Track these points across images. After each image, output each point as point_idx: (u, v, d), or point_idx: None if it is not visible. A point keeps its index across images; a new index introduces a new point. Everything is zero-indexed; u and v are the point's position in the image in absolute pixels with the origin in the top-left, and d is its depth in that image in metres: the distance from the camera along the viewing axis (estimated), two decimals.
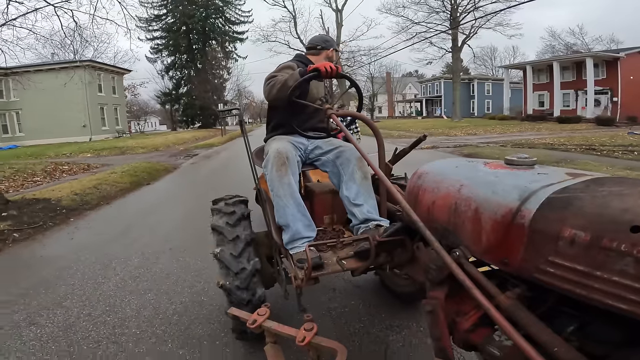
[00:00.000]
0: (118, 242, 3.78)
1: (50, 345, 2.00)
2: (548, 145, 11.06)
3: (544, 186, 0.78)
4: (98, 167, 10.00)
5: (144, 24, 34.44)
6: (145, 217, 4.82)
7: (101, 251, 3.50)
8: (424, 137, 1.72)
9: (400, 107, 53.52)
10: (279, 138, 1.88)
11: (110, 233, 4.15)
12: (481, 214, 0.84)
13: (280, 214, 1.63)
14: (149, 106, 49.61)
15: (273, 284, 1.90)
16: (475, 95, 39.33)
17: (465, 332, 0.90)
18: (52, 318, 2.29)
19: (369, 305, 2.26)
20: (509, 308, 0.76)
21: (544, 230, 0.71)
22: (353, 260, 1.41)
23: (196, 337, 2.02)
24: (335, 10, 31.82)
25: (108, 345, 1.96)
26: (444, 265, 0.89)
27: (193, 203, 5.48)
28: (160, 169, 9.25)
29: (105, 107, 27.35)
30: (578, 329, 0.75)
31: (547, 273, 0.71)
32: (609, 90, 23.75)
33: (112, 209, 5.48)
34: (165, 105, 39.95)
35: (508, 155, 0.97)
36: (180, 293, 2.53)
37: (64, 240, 4.01)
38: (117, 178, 7.32)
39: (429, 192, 1.03)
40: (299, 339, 1.08)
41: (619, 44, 33.90)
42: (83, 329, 2.14)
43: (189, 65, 37.38)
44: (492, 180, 0.88)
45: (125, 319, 2.22)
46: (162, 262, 3.11)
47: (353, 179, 1.72)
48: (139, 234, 4.04)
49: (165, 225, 4.34)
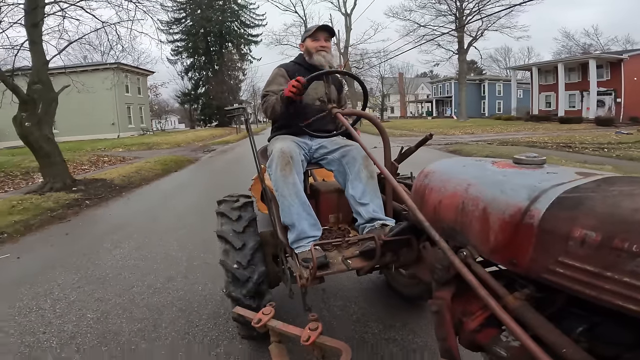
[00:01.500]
0: (158, 207, 5.32)
1: (133, 254, 3.38)
2: (530, 143, 11.61)
3: (554, 185, 0.76)
4: (132, 159, 11.54)
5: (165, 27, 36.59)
6: (175, 192, 6.42)
7: (148, 213, 5.00)
8: (430, 136, 1.69)
9: (412, 107, 54.18)
10: (282, 138, 1.84)
11: (152, 202, 5.78)
12: (489, 214, 0.83)
13: (286, 214, 1.59)
14: (168, 105, 52.14)
15: (278, 283, 1.86)
16: (486, 96, 38.95)
17: (472, 332, 0.89)
18: (128, 244, 3.65)
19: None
20: (517, 309, 0.75)
21: (553, 230, 0.70)
22: (358, 260, 1.39)
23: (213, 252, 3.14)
24: (345, 14, 32.52)
25: (166, 253, 3.35)
26: (450, 265, 0.88)
27: (211, 183, 7.16)
28: (184, 160, 10.76)
29: (132, 107, 28.47)
30: (587, 330, 0.73)
31: (557, 273, 0.70)
32: (613, 91, 23.65)
33: (150, 187, 7.09)
34: (184, 104, 41.75)
35: (516, 154, 0.95)
36: (202, 229, 3.88)
37: (122, 206, 5.55)
38: (151, 166, 8.91)
39: (436, 191, 1.01)
40: (303, 339, 1.07)
41: (634, 44, 33.78)
42: (149, 248, 3.49)
43: (206, 66, 38.94)
44: (500, 180, 0.86)
45: (171, 242, 3.61)
46: (189, 218, 4.52)
47: (359, 178, 1.68)
48: (172, 202, 5.57)
49: (191, 197, 5.85)
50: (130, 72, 27.27)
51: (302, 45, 1.99)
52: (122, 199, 6.02)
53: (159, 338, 1.98)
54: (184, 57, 38.39)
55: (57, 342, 1.98)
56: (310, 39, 1.93)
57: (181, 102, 41.43)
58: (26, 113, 6.02)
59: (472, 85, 38.56)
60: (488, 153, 9.19)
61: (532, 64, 31.48)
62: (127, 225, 4.41)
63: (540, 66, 28.76)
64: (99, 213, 5.19)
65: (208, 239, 3.36)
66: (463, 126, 22.34)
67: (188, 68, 38.74)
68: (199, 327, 2.07)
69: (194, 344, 1.91)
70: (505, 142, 12.51)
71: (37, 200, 5.35)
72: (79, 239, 4.00)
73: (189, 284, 2.64)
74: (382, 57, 30.92)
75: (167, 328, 2.07)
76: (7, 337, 2.05)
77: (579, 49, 36.54)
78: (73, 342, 1.97)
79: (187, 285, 2.61)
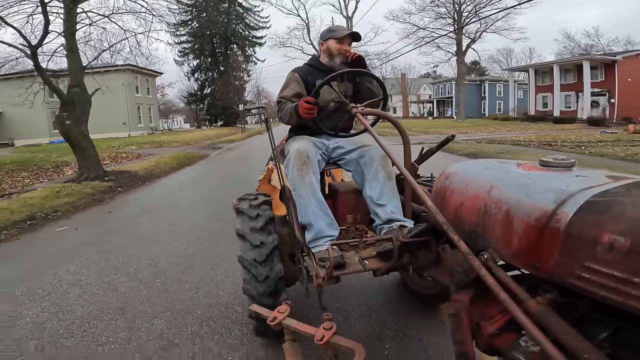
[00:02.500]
0: (178, 193, 6.35)
1: (165, 225, 4.28)
2: (516, 142, 12.10)
3: (582, 189, 0.74)
4: (146, 156, 12.44)
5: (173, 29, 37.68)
6: (191, 183, 7.46)
7: (171, 197, 6.04)
8: (452, 136, 1.64)
9: (414, 107, 54.75)
10: (299, 138, 1.82)
11: (172, 189, 6.79)
12: (513, 217, 0.81)
13: (303, 213, 1.59)
14: (173, 105, 53.42)
15: (294, 282, 1.85)
16: (486, 97, 38.87)
17: (490, 336, 0.87)
18: (159, 219, 4.58)
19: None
20: (539, 313, 0.74)
21: (581, 235, 0.69)
22: (375, 261, 1.37)
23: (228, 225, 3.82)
24: (346, 17, 32.73)
25: (191, 224, 4.24)
26: (470, 268, 0.87)
27: (219, 176, 8.19)
28: (195, 156, 11.66)
29: (141, 107, 28.91)
30: (611, 335, 0.72)
31: (582, 279, 0.69)
32: (607, 92, 23.86)
33: (168, 178, 8.07)
34: (191, 104, 42.88)
35: (543, 157, 0.92)
36: (217, 210, 4.74)
37: (148, 193, 6.54)
38: (167, 161, 9.83)
39: (457, 193, 1.00)
40: (317, 338, 1.07)
41: (634, 45, 34.27)
42: (176, 222, 4.35)
43: (212, 68, 39.64)
44: (525, 182, 0.85)
45: (193, 218, 4.51)
46: (205, 201, 5.52)
47: (377, 179, 1.65)
48: (189, 190, 6.57)
49: (205, 186, 6.91)
50: (140, 73, 28.38)
51: (323, 44, 1.92)
52: (147, 187, 7.01)
53: (193, 273, 2.83)
54: (191, 59, 39.47)
55: (125, 279, 2.80)
56: (335, 40, 1.87)
57: (188, 103, 42.29)
58: (67, 113, 6.94)
59: (472, 86, 38.52)
60: (472, 150, 9.69)
61: (529, 65, 31.92)
62: (156, 206, 5.40)
63: (537, 67, 29.01)
64: (130, 198, 6.13)
65: (222, 216, 4.19)
66: (460, 126, 22.59)
67: (194, 69, 39.68)
68: (220, 266, 2.89)
69: (217, 275, 2.76)
70: (493, 140, 13.08)
71: (77, 188, 6.30)
72: (120, 216, 4.95)
73: (211, 242, 3.52)
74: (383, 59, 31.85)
75: (197, 267, 2.93)
76: (90, 278, 2.85)
77: (579, 50, 36.84)
78: (136, 278, 2.80)
79: (210, 243, 3.50)
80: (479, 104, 38.44)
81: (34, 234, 4.21)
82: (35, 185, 7.33)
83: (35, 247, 3.78)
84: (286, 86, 1.88)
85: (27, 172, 8.63)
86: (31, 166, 9.18)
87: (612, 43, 37.34)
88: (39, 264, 3.22)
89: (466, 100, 31.49)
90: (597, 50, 33.39)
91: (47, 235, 4.18)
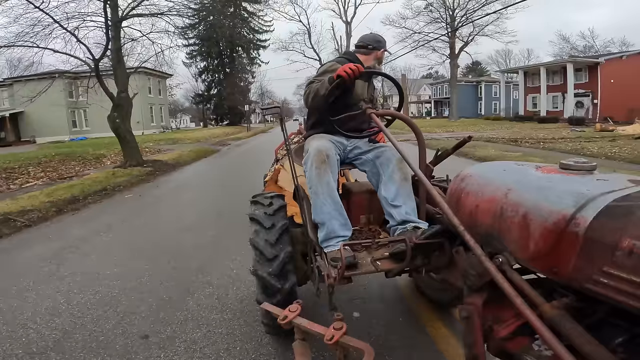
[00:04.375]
0: (202, 176, 8.30)
1: (198, 195, 6.09)
2: (487, 139, 13.17)
3: (603, 193, 0.72)
4: (166, 150, 14.26)
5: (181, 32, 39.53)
6: (209, 169, 9.42)
7: (195, 178, 7.96)
8: (469, 138, 1.61)
9: (413, 107, 56.28)
10: (319, 136, 1.77)
11: (197, 173, 8.71)
12: (530, 220, 0.79)
13: (317, 212, 1.57)
14: (180, 104, 55.66)
15: (306, 281, 1.84)
16: (482, 97, 39.18)
17: (502, 340, 0.86)
18: (192, 192, 6.28)
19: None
20: (554, 318, 0.72)
21: (600, 239, 0.67)
22: (388, 262, 1.35)
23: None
24: (345, 22, 33.93)
25: (216, 196, 6.03)
26: (484, 272, 0.84)
27: (231, 165, 10.11)
28: (209, 150, 13.45)
29: (153, 107, 29.93)
30: (627, 341, 0.70)
31: (601, 283, 0.67)
32: (590, 93, 24.51)
33: (192, 166, 9.92)
34: (198, 104, 44.77)
35: (564, 160, 0.90)
36: (234, 187, 6.25)
37: (179, 175, 8.33)
38: (187, 154, 11.53)
39: (473, 195, 0.97)
40: (327, 338, 1.06)
41: (630, 46, 35.51)
42: (206, 194, 6.07)
43: (218, 69, 41.96)
44: (544, 185, 0.82)
45: (218, 191, 6.27)
46: (225, 181, 7.32)
47: (392, 180, 1.62)
48: (209, 174, 8.58)
49: (220, 172, 8.83)
50: (151, 75, 30.40)
51: (382, 52, 1.95)
52: (177, 172, 8.83)
53: (221, 223, 4.09)
54: (198, 61, 41.56)
55: (178, 228, 4.00)
56: (377, 52, 1.93)
57: (195, 103, 43.73)
58: (117, 113, 8.58)
59: (469, 86, 38.79)
60: (445, 145, 11.83)
61: (518, 67, 32.59)
62: (187, 184, 7.23)
63: (526, 70, 29.74)
64: (167, 178, 7.92)
65: (240, 191, 5.19)
66: (450, 125, 23.27)
67: (202, 71, 41.51)
68: (244, 219, 4.16)
69: (238, 226, 3.67)
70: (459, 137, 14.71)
71: (126, 171, 8.09)
72: (164, 190, 6.61)
73: (233, 205, 4.77)
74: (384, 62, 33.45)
75: (224, 219, 4.24)
76: (163, 217, 4.63)
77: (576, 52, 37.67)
78: (190, 228, 3.98)
79: (232, 206, 4.74)
80: (475, 105, 38.65)
81: (111, 199, 5.91)
82: (86, 171, 9.25)
83: (117, 206, 5.50)
84: (320, 74, 1.81)
85: (75, 161, 10.50)
86: (75, 157, 11.08)
87: (609, 44, 37.32)
88: (125, 215, 4.91)
89: (463, 100, 32.14)
90: (594, 52, 34.39)
91: (121, 199, 5.90)
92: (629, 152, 8.51)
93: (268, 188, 2.46)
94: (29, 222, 4.49)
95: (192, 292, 2.48)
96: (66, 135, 26.06)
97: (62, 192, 5.91)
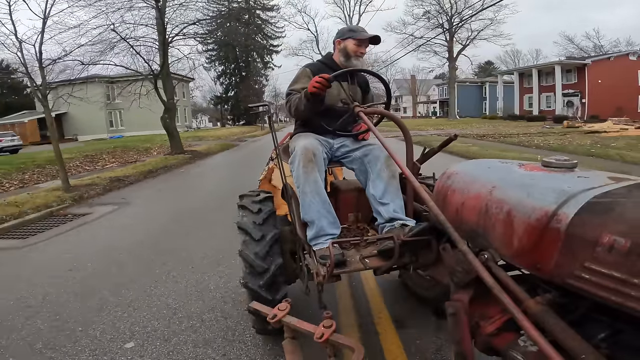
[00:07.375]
0: (229, 161, 10.75)
1: (229, 172, 8.69)
2: (466, 135, 13.90)
3: (584, 190, 0.72)
4: (195, 145, 16.65)
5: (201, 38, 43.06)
6: (234, 157, 11.47)
7: (222, 162, 10.49)
8: (454, 136, 1.57)
9: (421, 107, 54.06)
10: (305, 135, 1.72)
11: (225, 159, 11.09)
12: (514, 217, 0.79)
13: (306, 210, 1.53)
14: (199, 105, 58.83)
15: (295, 279, 1.78)
16: (487, 97, 39.58)
17: (489, 336, 0.86)
18: (224, 170, 8.98)
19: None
20: (538, 313, 0.72)
21: (581, 235, 0.67)
22: (376, 259, 1.34)
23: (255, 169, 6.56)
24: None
25: (242, 173, 7.77)
26: (470, 268, 0.84)
27: (248, 154, 12.01)
28: (230, 145, 15.55)
29: (179, 108, 36.12)
30: (609, 336, 0.70)
31: (582, 279, 0.67)
32: (579, 92, 24.97)
33: (219, 155, 12.11)
34: (217, 105, 47.40)
35: (545, 157, 0.89)
36: (252, 168, 7.05)
37: (212, 161, 10.66)
38: (214, 147, 13.53)
39: (459, 192, 0.97)
40: (317, 336, 1.04)
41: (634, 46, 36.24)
42: (235, 172, 8.21)
43: (235, 73, 45.26)
44: (527, 183, 0.82)
45: (244, 170, 8.10)
46: (246, 163, 9.63)
47: (380, 178, 1.59)
48: (231, 160, 10.89)
49: (240, 159, 10.90)
50: (175, 78, 33.91)
51: (340, 42, 1.77)
52: (209, 158, 11.12)
53: (244, 187, 3.59)
54: (216, 65, 45.22)
55: (222, 195, 5.25)
56: (354, 41, 1.75)
57: (215, 104, 45.84)
58: (167, 115, 11.28)
59: (474, 87, 38.67)
60: (430, 140, 11.46)
61: (514, 69, 33.04)
62: (218, 165, 9.56)
63: (521, 71, 30.34)
64: (204, 162, 10.22)
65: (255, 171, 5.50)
66: (446, 124, 23.77)
67: (220, 74, 43.80)
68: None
69: (254, 188, 3.57)
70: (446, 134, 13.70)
71: (173, 157, 10.69)
72: (203, 168, 8.86)
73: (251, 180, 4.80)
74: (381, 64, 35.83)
75: (246, 185, 3.98)
76: (205, 184, 6.93)
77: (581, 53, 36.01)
78: (228, 197, 4.62)
79: (250, 180, 4.79)
80: (479, 104, 38.65)
81: (170, 173, 8.22)
82: (142, 158, 12.34)
83: (177, 175, 8.00)
84: (296, 80, 1.76)
85: (132, 152, 13.68)
86: (131, 149, 14.41)
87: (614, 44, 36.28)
88: (184, 179, 7.43)
89: (467, 100, 32.28)
90: (598, 53, 33.32)
91: (177, 173, 8.26)
92: (560, 144, 9.67)
93: (262, 186, 2.51)
94: (129, 181, 7.56)
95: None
96: (104, 133, 27.61)
97: (140, 168, 8.91)
